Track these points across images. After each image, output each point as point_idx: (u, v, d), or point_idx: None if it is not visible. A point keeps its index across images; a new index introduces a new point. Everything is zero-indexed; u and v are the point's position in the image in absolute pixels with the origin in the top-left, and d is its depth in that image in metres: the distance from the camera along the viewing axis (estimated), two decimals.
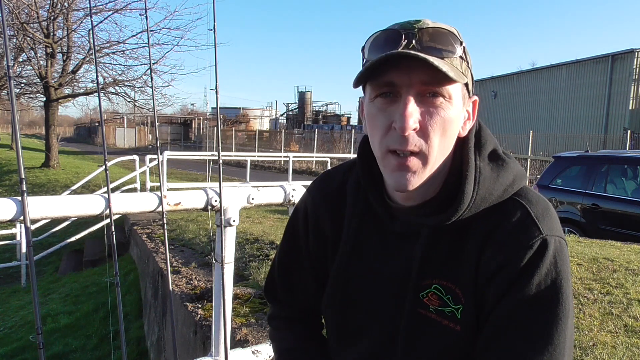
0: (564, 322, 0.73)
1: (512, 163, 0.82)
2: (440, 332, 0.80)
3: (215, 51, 1.73)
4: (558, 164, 6.82)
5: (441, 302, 0.80)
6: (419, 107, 0.74)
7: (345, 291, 0.91)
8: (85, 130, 61.12)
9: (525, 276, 0.74)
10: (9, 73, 1.38)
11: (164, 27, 14.39)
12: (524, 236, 0.75)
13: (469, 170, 0.78)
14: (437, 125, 0.74)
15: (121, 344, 1.80)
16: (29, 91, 17.16)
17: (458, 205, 0.77)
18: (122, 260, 6.93)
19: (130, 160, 9.54)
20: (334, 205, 0.95)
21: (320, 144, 23.32)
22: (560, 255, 0.76)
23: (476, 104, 0.83)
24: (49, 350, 4.88)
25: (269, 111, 51.73)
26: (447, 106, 0.75)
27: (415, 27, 0.74)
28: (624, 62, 18.85)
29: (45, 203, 1.47)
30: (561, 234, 0.78)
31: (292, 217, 1.04)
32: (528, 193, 0.80)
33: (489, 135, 0.84)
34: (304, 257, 1.00)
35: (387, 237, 0.87)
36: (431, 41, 0.73)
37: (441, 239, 0.81)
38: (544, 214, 0.77)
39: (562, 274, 0.75)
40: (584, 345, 2.42)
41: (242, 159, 17.13)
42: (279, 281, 1.06)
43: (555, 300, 0.74)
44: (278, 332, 1.08)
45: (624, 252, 4.33)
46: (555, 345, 0.73)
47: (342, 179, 0.96)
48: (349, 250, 0.91)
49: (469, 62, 0.78)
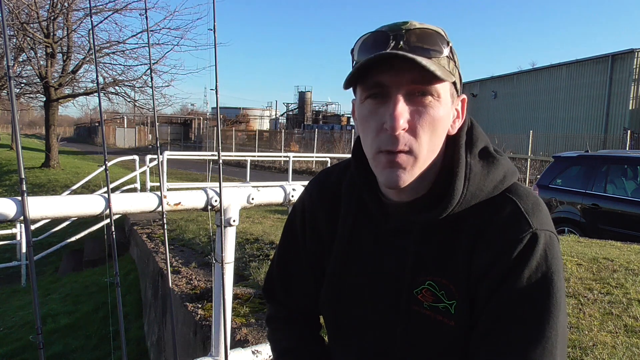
0: (555, 315, 0.74)
1: (502, 160, 0.83)
2: (434, 328, 0.81)
3: (215, 51, 1.73)
4: (558, 164, 6.82)
5: (435, 298, 0.81)
6: (409, 106, 0.75)
7: (340, 289, 0.92)
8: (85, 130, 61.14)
9: (515, 270, 0.75)
10: (9, 73, 1.38)
11: (164, 27, 14.42)
12: (514, 230, 0.76)
13: (459, 167, 0.79)
14: (427, 124, 0.76)
15: (121, 344, 1.80)
16: (29, 91, 17.16)
17: (448, 201, 0.78)
18: (122, 260, 6.93)
19: (130, 160, 9.53)
20: (330, 203, 0.96)
21: (320, 144, 23.32)
22: (551, 249, 0.76)
23: (465, 103, 0.85)
24: (49, 350, 4.88)
25: (269, 111, 51.72)
26: (436, 105, 0.76)
27: (403, 28, 0.75)
28: (624, 62, 18.85)
29: (45, 203, 1.47)
30: (552, 229, 0.79)
31: (290, 215, 1.05)
32: (518, 189, 0.82)
33: (480, 133, 0.85)
34: (302, 255, 1.01)
35: (380, 235, 0.88)
36: (418, 42, 0.75)
37: (433, 235, 0.83)
38: (534, 209, 0.79)
39: (552, 267, 0.75)
40: (584, 345, 2.42)
41: (242, 159, 17.12)
42: (278, 280, 1.06)
43: (546, 294, 0.74)
44: (276, 332, 1.09)
45: (624, 252, 4.33)
46: (547, 337, 0.73)
47: (338, 178, 0.97)
48: (344, 249, 0.92)
49: (456, 62, 0.80)
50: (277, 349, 1.06)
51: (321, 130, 28.43)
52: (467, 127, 0.84)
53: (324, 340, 1.08)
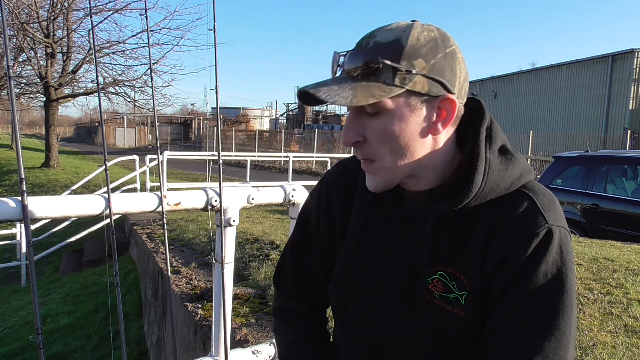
0: (569, 310, 0.76)
1: (520, 158, 0.85)
2: (444, 318, 0.82)
3: (215, 51, 1.72)
4: (558, 164, 6.82)
5: (446, 289, 0.82)
6: (362, 121, 0.80)
7: (352, 276, 0.93)
8: (85, 130, 61.14)
9: (532, 264, 0.76)
10: (9, 73, 1.38)
11: (164, 27, 14.45)
12: (530, 225, 0.78)
13: (480, 161, 0.81)
14: (378, 138, 0.79)
15: (121, 344, 1.80)
16: (29, 91, 17.16)
17: (466, 193, 0.80)
18: (122, 260, 6.93)
19: (130, 160, 9.53)
20: (346, 191, 0.98)
21: (320, 144, 23.32)
22: (566, 245, 0.78)
23: (452, 102, 0.79)
24: (49, 350, 4.88)
25: (269, 111, 51.71)
26: (384, 119, 0.78)
27: (355, 46, 0.79)
28: (624, 62, 18.85)
29: (45, 203, 1.47)
30: (565, 226, 0.80)
31: (305, 203, 1.07)
32: (534, 186, 0.83)
33: (499, 130, 0.86)
34: (315, 242, 1.02)
35: (394, 223, 0.89)
36: (350, 64, 0.77)
37: (446, 226, 0.84)
38: (550, 205, 0.80)
39: (567, 263, 0.77)
40: (584, 345, 2.42)
41: (242, 159, 17.12)
42: (289, 268, 1.07)
43: (562, 289, 0.76)
44: (282, 324, 1.09)
45: (624, 252, 4.33)
46: (562, 332, 0.75)
47: (355, 166, 0.98)
48: (357, 236, 0.93)
49: (420, 67, 0.76)
50: (282, 342, 1.07)
51: (321, 130, 28.41)
52: (487, 123, 0.85)
53: (329, 335, 1.08)
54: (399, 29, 0.77)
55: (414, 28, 0.77)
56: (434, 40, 0.77)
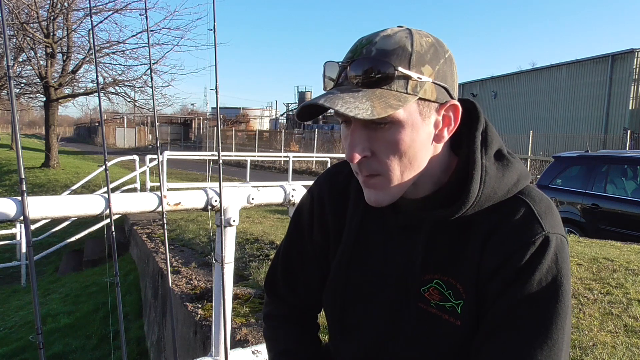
0: (562, 318, 0.75)
1: (516, 163, 0.84)
2: (440, 327, 0.81)
3: (215, 51, 1.73)
4: (558, 164, 6.82)
5: (442, 297, 0.81)
6: (368, 133, 0.76)
7: (346, 283, 0.92)
8: (85, 130, 61.10)
9: (526, 272, 0.75)
10: (9, 73, 1.38)
11: (164, 27, 14.43)
12: (527, 233, 0.77)
13: (476, 168, 0.79)
14: (388, 150, 0.76)
15: (121, 344, 1.80)
16: (29, 91, 17.14)
17: (462, 202, 0.78)
18: (122, 260, 6.93)
19: (130, 160, 9.52)
20: (340, 196, 0.96)
21: (320, 144, 23.31)
22: (561, 252, 0.77)
23: (457, 108, 0.80)
24: (49, 350, 4.88)
25: (269, 111, 51.70)
26: (395, 130, 0.75)
27: (353, 58, 0.74)
28: (624, 62, 18.84)
29: (45, 203, 1.47)
30: (562, 232, 0.80)
31: (298, 207, 1.05)
32: (531, 191, 0.82)
33: (494, 134, 0.85)
34: (308, 248, 1.01)
35: (389, 231, 0.88)
36: (358, 75, 0.73)
37: (443, 234, 0.82)
38: (547, 212, 0.79)
39: (562, 271, 0.76)
40: (584, 345, 2.42)
41: (242, 159, 17.12)
42: (282, 273, 1.05)
43: (555, 297, 0.75)
44: (273, 331, 1.08)
45: (624, 252, 4.33)
46: (554, 341, 0.74)
47: (349, 171, 0.96)
48: (351, 242, 0.92)
49: (428, 73, 0.75)
50: (274, 350, 1.05)
51: (321, 130, 28.38)
52: (482, 127, 0.84)
53: (321, 342, 1.07)
54: (398, 34, 0.75)
55: (413, 34, 0.75)
56: (434, 45, 0.76)
